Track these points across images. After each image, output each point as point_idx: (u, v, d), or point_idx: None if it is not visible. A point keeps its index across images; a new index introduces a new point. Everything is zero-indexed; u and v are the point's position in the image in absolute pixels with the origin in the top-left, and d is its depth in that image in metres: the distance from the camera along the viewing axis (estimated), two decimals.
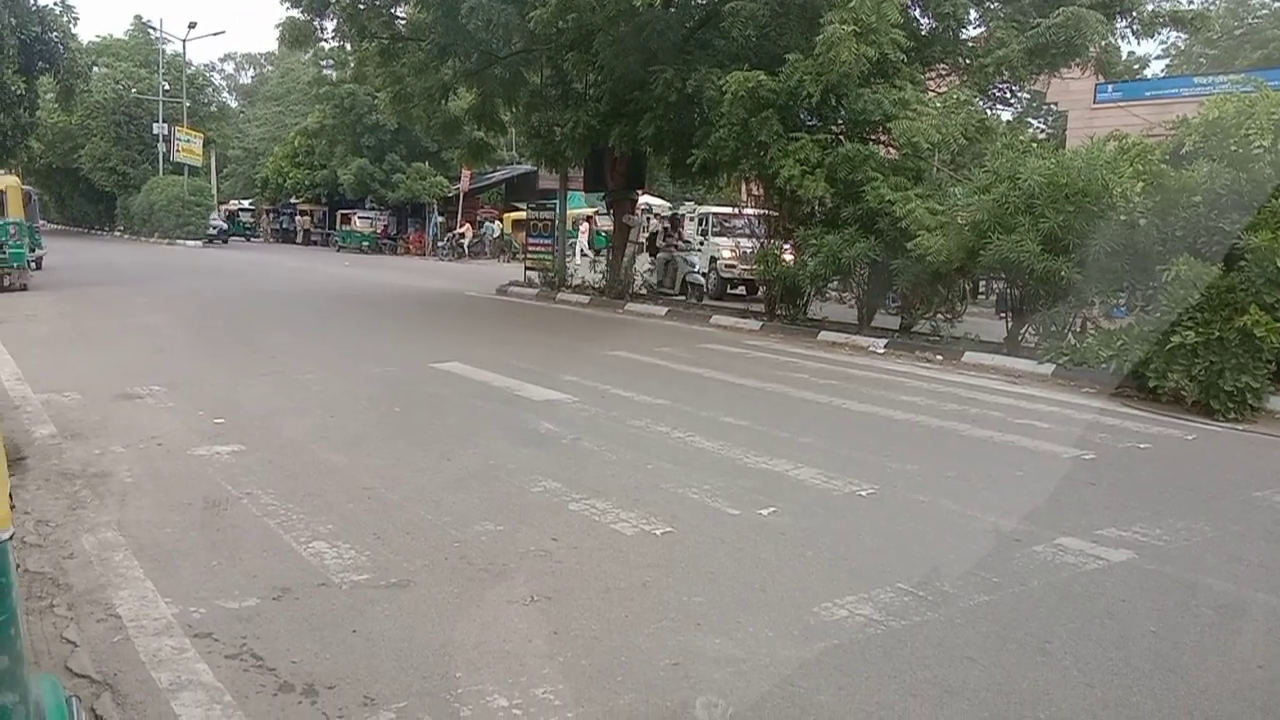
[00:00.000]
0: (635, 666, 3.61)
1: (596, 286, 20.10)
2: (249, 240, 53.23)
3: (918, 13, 15.94)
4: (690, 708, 3.32)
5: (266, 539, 4.87)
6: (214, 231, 45.49)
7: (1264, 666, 3.88)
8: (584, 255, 31.16)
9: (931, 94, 14.87)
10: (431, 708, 3.26)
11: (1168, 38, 41.42)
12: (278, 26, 19.04)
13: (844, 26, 12.65)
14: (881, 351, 13.12)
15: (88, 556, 4.56)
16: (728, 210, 22.41)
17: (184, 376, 9.38)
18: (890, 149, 14.88)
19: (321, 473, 6.16)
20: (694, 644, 3.81)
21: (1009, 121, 22.56)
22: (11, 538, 1.58)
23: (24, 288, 17.99)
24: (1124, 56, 31.87)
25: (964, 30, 16.23)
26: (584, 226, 34.91)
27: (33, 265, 20.15)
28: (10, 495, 1.76)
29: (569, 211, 24.84)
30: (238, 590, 4.19)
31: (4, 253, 17.60)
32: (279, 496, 5.56)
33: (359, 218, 43.61)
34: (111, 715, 3.13)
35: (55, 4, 26.13)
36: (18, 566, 4.21)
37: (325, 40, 20.61)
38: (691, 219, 23.61)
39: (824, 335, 14.27)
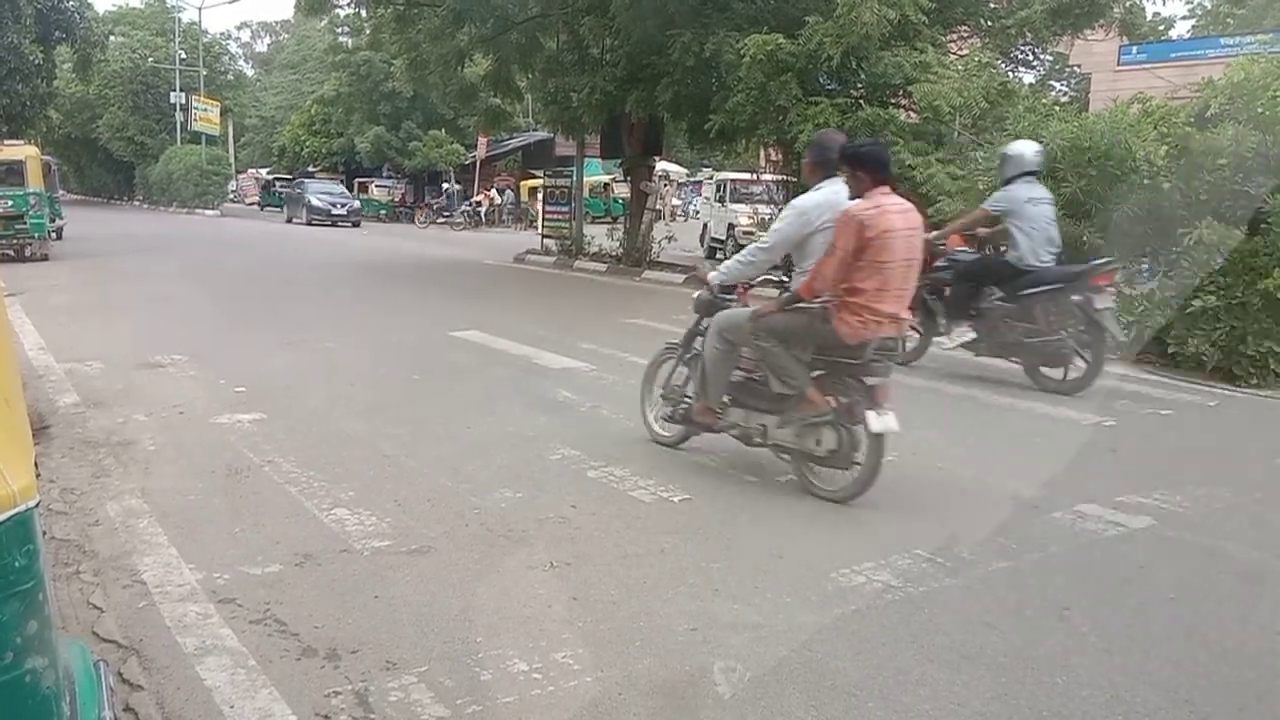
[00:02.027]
0: (653, 632, 3.63)
1: (614, 254, 20.04)
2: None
3: None
4: (708, 673, 3.35)
5: (288, 506, 4.92)
6: (336, 209, 36.85)
7: None
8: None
9: (953, 57, 14.68)
10: (452, 672, 3.30)
11: None
12: None
13: None
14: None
15: (112, 523, 4.62)
16: (746, 176, 22.26)
17: (205, 345, 9.44)
18: (911, 113, 14.70)
19: (342, 440, 6.21)
20: (712, 610, 3.83)
21: (1031, 84, 22.25)
22: (38, 505, 1.60)
23: (45, 258, 18.11)
24: (1149, 17, 31.35)
25: None
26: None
27: (53, 235, 20.27)
28: (36, 463, 1.78)
29: (586, 178, 24.72)
30: (260, 556, 4.24)
31: (25, 223, 17.71)
32: (300, 464, 5.61)
33: (376, 186, 43.59)
34: (138, 679, 3.18)
35: None
36: (44, 533, 4.28)
37: (341, 7, 20.60)
38: (708, 184, 23.47)
39: None
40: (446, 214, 39.17)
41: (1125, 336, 9.09)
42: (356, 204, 38.77)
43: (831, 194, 5.33)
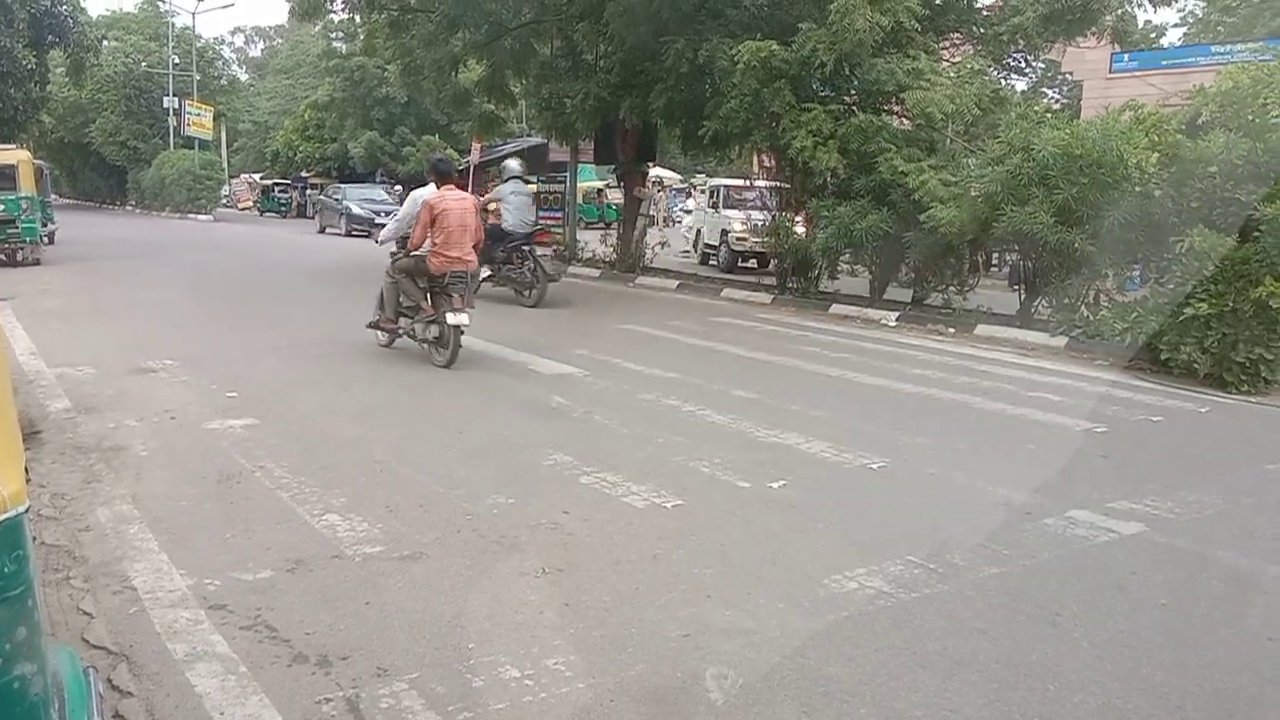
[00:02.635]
0: (646, 638, 3.63)
1: (607, 260, 20.04)
2: (283, 217, 47.60)
3: None
4: (700, 679, 3.35)
5: (280, 512, 4.91)
6: (381, 218, 31.67)
7: (1275, 639, 3.88)
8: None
9: (945, 64, 14.72)
10: (444, 678, 3.29)
11: (1185, 5, 40.85)
12: (288, 0, 18.96)
13: None
14: (893, 324, 13.08)
15: (103, 529, 4.61)
16: (739, 182, 22.29)
17: (197, 350, 9.42)
18: (903, 120, 14.74)
19: (334, 446, 6.19)
20: (704, 616, 3.83)
21: (1023, 92, 22.37)
22: (28, 511, 1.59)
23: (37, 262, 18.04)
24: (1140, 25, 31.50)
25: None
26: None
27: (45, 240, 20.18)
28: (26, 469, 1.77)
29: (579, 184, 24.73)
30: (252, 563, 4.22)
31: (17, 227, 17.62)
32: (292, 470, 5.59)
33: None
34: (128, 686, 3.17)
35: None
36: (34, 539, 4.26)
37: (335, 12, 20.56)
38: (701, 191, 23.50)
39: (836, 308, 14.22)
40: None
41: (556, 271, 14.19)
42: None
43: (429, 190, 9.30)
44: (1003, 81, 16.01)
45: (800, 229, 15.55)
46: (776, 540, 4.70)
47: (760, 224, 17.86)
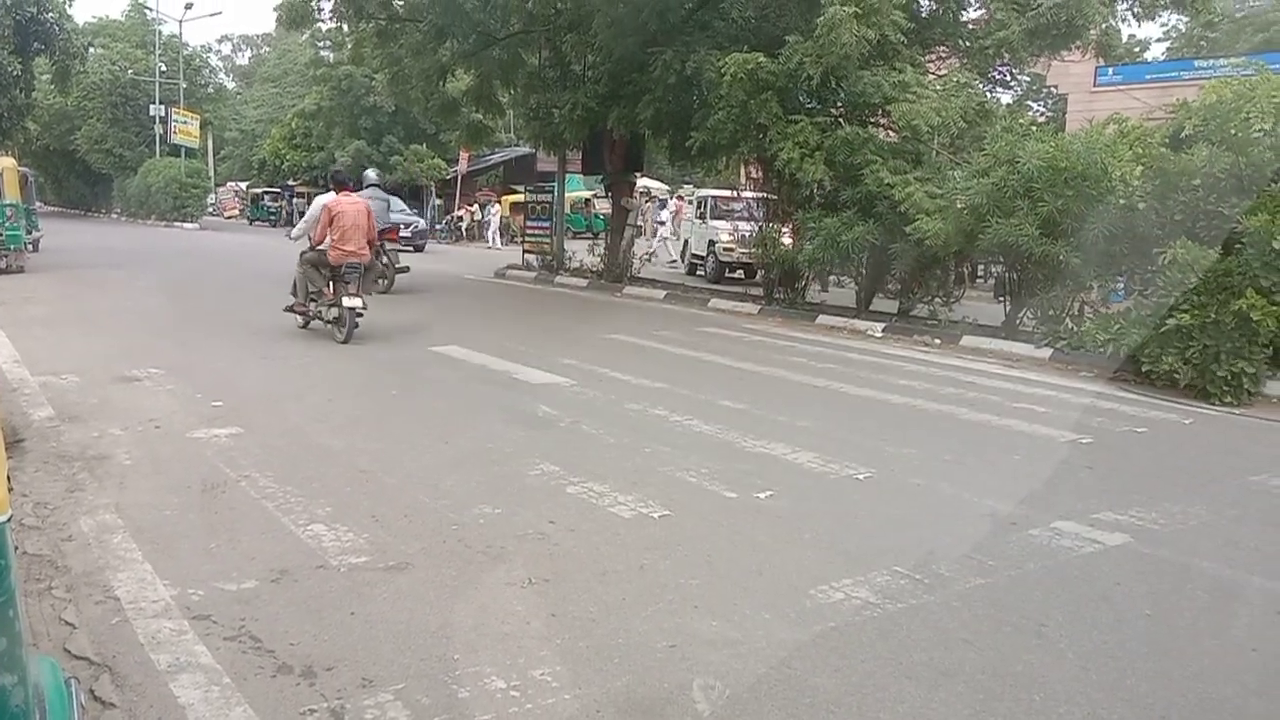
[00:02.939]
0: (632, 649, 3.62)
1: (595, 270, 20.06)
2: (274, 225, 46.52)
3: None
4: (687, 690, 3.34)
5: (265, 522, 4.88)
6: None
7: (1258, 649, 3.90)
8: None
9: (931, 77, 14.80)
10: (429, 689, 3.28)
11: (1168, 20, 41.28)
12: (275, 9, 18.94)
13: (845, 8, 12.57)
14: (880, 335, 13.12)
15: (86, 539, 4.57)
16: (726, 193, 22.35)
17: (182, 359, 9.37)
18: (890, 132, 14.83)
19: (319, 456, 6.17)
20: (691, 626, 3.82)
21: (1009, 104, 22.49)
22: (10, 520, 1.58)
23: (21, 270, 17.92)
24: (1124, 39, 31.73)
25: (964, 12, 16.17)
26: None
27: (30, 247, 20.05)
28: (9, 478, 1.76)
29: (567, 194, 24.75)
30: (236, 573, 4.20)
31: (1, 235, 17.54)
32: (277, 479, 5.57)
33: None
34: (110, 697, 3.15)
35: None
36: (16, 549, 4.22)
37: (323, 21, 20.49)
38: (691, 201, 23.55)
39: (822, 319, 14.26)
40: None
41: (407, 264, 16.47)
42: (422, 223, 32.50)
43: (330, 196, 11.20)
44: (988, 94, 16.10)
45: (787, 240, 15.60)
46: (763, 551, 4.70)
47: (747, 235, 17.91)
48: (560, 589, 4.15)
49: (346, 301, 10.51)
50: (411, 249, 28.70)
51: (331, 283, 10.93)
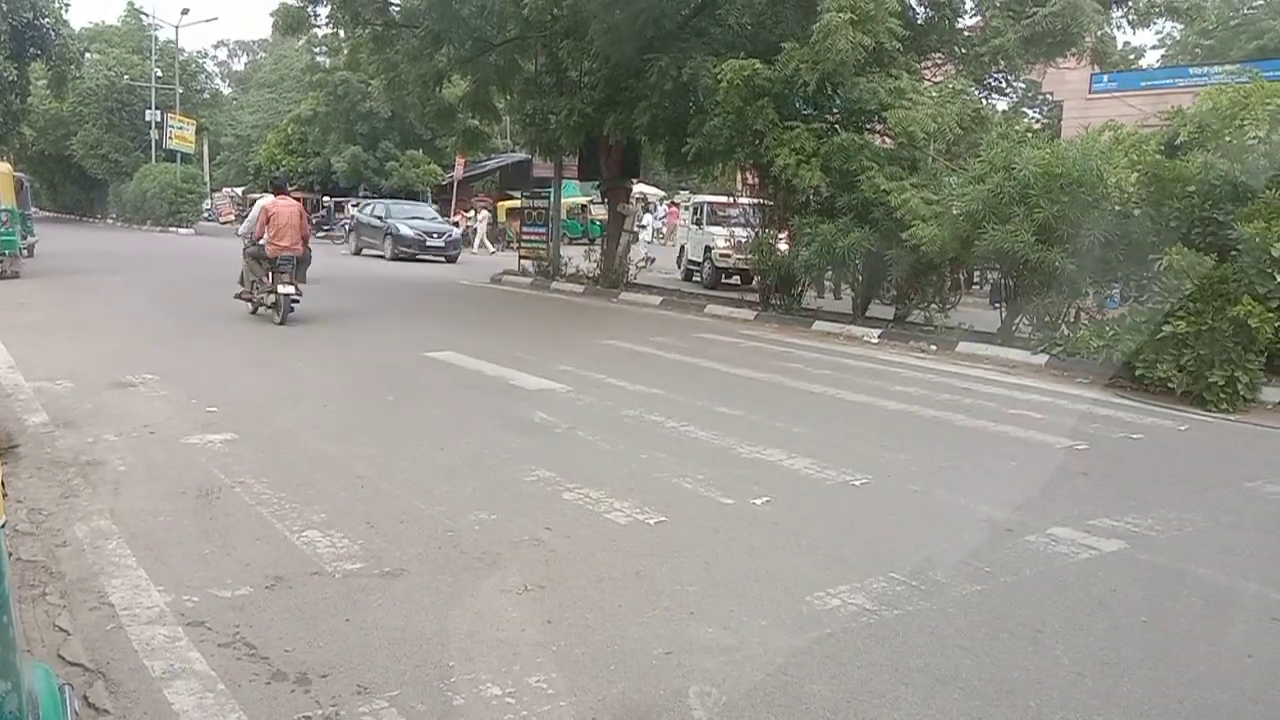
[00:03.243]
0: (628, 655, 3.61)
1: (591, 275, 20.07)
2: None
3: (914, 1, 15.90)
4: (683, 697, 3.33)
5: (259, 528, 4.87)
6: (432, 239, 28.21)
7: (1254, 656, 3.90)
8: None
9: (927, 83, 14.85)
10: (425, 696, 3.27)
11: (1163, 28, 41.36)
12: (272, 14, 18.97)
13: (841, 14, 12.60)
14: (876, 341, 13.13)
15: (80, 545, 4.55)
16: (723, 199, 22.39)
17: (176, 365, 9.35)
18: (886, 138, 14.86)
19: (314, 461, 6.15)
20: (687, 633, 3.82)
21: (1004, 111, 22.54)
22: (4, 525, 1.58)
23: (16, 275, 17.87)
24: (1119, 46, 31.83)
25: (960, 19, 16.22)
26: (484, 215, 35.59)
27: (25, 253, 20.00)
28: (3, 483, 1.75)
29: (563, 200, 24.77)
30: (230, 579, 4.18)
31: None
32: (272, 485, 5.55)
33: (352, 206, 43.34)
34: (105, 704, 3.13)
35: None
36: (10, 554, 4.20)
37: (319, 27, 20.52)
38: (686, 207, 23.56)
39: (818, 325, 14.27)
40: (327, 228, 38.40)
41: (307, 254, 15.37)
42: (456, 232, 30.34)
43: (268, 199, 12.85)
44: (984, 101, 16.16)
45: (783, 246, 15.61)
46: (759, 557, 4.70)
47: (743, 241, 17.93)
48: (556, 595, 4.14)
49: (281, 289, 12.29)
50: (444, 259, 27.99)
51: (270, 273, 12.57)
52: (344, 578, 4.25)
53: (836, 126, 14.63)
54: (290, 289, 12.29)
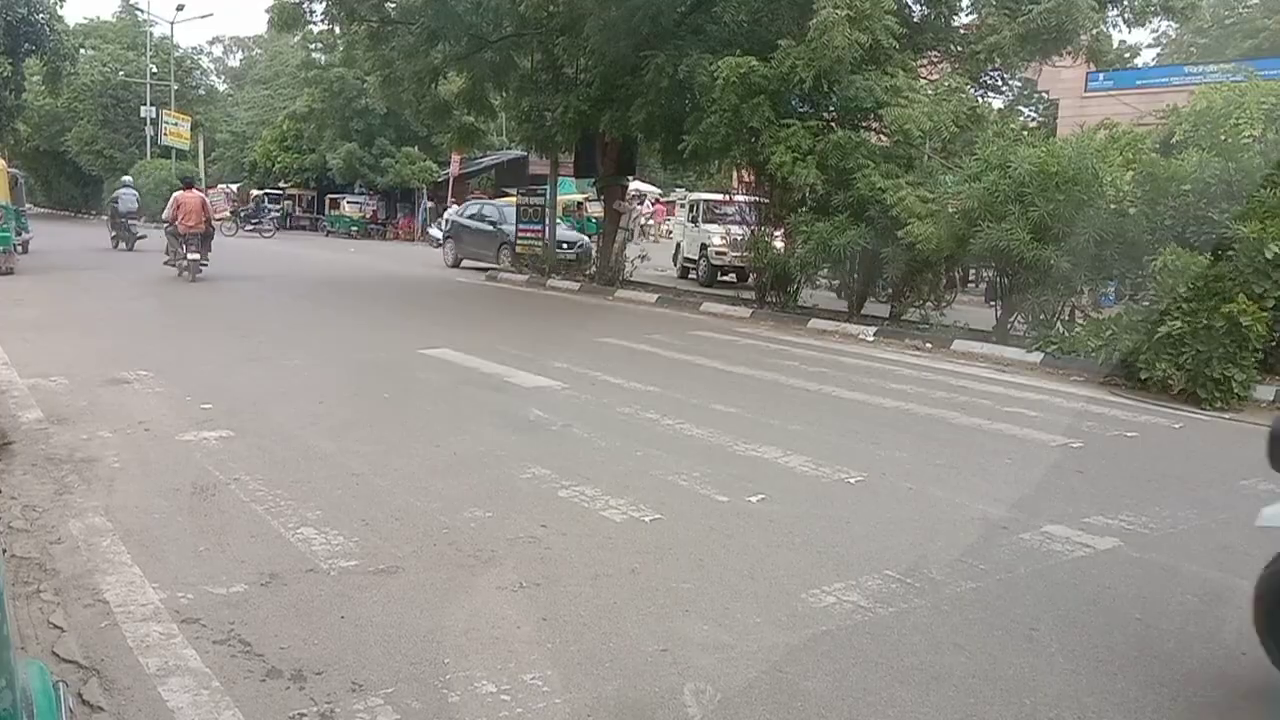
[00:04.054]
0: (623, 653, 3.62)
1: (586, 273, 20.05)
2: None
3: None
4: (678, 694, 3.34)
5: (254, 525, 4.86)
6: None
7: (1247, 653, 3.90)
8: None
9: (923, 81, 14.85)
10: (420, 693, 3.27)
11: (1158, 26, 41.30)
12: (267, 10, 18.92)
13: (837, 12, 12.59)
14: (871, 339, 13.14)
15: (75, 542, 4.55)
16: (719, 197, 22.37)
17: (171, 361, 9.34)
18: (881, 136, 14.87)
19: (310, 459, 6.15)
20: (682, 630, 3.82)
21: (1000, 109, 22.53)
22: None
23: (10, 272, 17.84)
24: (1115, 45, 31.84)
25: (956, 17, 16.22)
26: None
27: (19, 249, 19.96)
28: None
29: (559, 197, 24.70)
30: (225, 576, 4.18)
31: None
32: (267, 482, 5.55)
33: (348, 202, 43.21)
34: (99, 701, 3.13)
35: None
36: (4, 551, 4.21)
37: (314, 23, 20.47)
38: (682, 205, 23.52)
39: (814, 323, 14.28)
40: (255, 220, 38.90)
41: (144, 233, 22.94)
42: (586, 241, 24.15)
43: (180, 192, 18.58)
44: (980, 99, 16.17)
45: (779, 244, 15.62)
46: (755, 554, 4.70)
47: (739, 238, 17.92)
48: (551, 593, 4.14)
49: (190, 256, 17.55)
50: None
51: (183, 244, 17.60)
52: (339, 575, 4.25)
53: (832, 124, 14.64)
54: (196, 255, 17.58)
